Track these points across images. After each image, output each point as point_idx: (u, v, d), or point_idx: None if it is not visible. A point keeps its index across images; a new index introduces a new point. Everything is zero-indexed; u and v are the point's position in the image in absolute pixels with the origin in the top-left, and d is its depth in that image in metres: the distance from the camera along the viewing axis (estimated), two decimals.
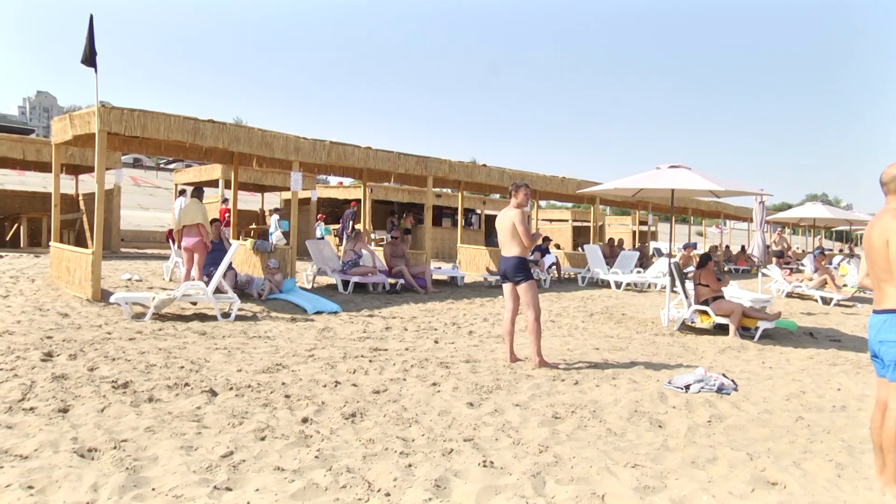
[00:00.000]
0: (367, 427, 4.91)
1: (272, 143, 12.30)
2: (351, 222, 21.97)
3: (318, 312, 10.45)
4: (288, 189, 17.47)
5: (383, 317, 10.46)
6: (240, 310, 9.76)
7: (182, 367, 6.40)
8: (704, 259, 10.63)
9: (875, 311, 4.08)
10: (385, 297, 12.83)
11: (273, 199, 31.32)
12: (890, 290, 3.94)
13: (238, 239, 14.64)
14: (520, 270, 7.22)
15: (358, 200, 25.81)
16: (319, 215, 23.84)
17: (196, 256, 10.77)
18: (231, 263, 10.59)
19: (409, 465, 4.17)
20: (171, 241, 13.24)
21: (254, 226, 23.80)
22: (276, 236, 19.59)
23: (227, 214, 22.09)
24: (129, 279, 12.37)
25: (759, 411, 5.93)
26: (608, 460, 4.43)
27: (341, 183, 28.41)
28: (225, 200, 22.16)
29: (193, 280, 10.25)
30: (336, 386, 6.01)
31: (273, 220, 21.16)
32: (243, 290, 11.27)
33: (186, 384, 5.76)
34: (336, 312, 10.60)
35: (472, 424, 5.09)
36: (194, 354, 7.05)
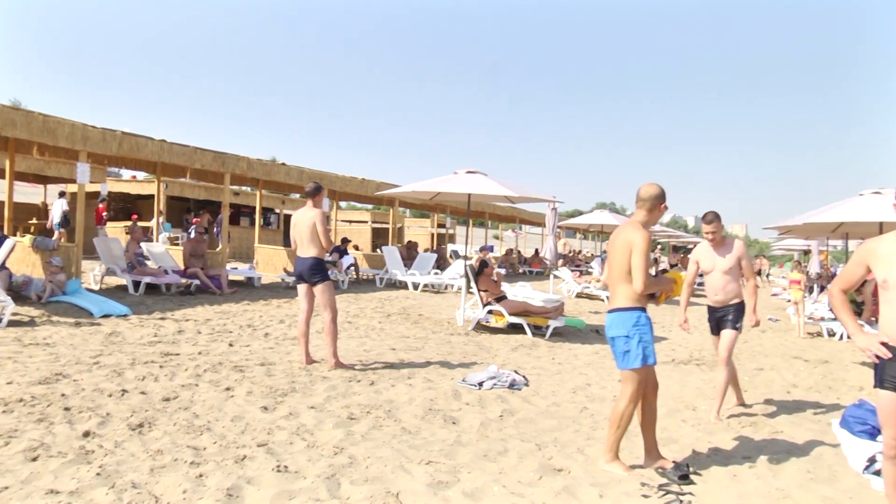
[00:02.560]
0: (155, 437, 4.69)
1: (56, 129, 11.35)
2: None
3: (105, 316, 9.81)
4: (74, 181, 16.22)
5: (176, 319, 10.01)
6: (14, 314, 8.92)
7: None
8: (481, 267, 11.25)
9: (609, 311, 4.54)
10: (178, 298, 12.28)
11: (57, 191, 28.87)
12: (622, 291, 4.44)
13: (15, 235, 13.39)
14: (317, 271, 7.23)
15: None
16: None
17: None
18: (5, 262, 9.69)
19: (200, 475, 4.04)
20: None
21: (34, 220, 21.74)
22: (161, 238, 18.25)
23: (104, 214, 20.26)
24: None
25: (547, 404, 6.34)
26: (403, 458, 4.55)
27: (135, 177, 26.79)
28: (103, 200, 20.17)
29: None
30: (123, 395, 5.68)
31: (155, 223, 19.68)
32: (19, 292, 10.31)
33: None
34: (125, 315, 10.00)
35: (266, 429, 5.03)
36: None
